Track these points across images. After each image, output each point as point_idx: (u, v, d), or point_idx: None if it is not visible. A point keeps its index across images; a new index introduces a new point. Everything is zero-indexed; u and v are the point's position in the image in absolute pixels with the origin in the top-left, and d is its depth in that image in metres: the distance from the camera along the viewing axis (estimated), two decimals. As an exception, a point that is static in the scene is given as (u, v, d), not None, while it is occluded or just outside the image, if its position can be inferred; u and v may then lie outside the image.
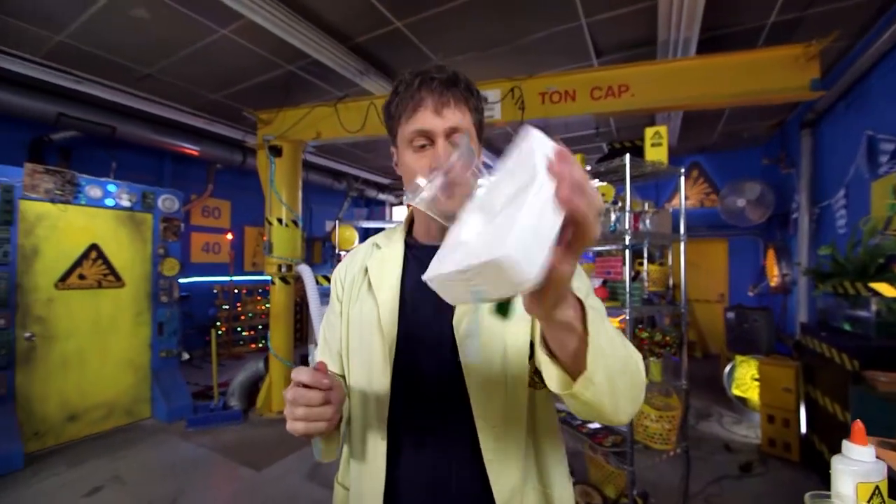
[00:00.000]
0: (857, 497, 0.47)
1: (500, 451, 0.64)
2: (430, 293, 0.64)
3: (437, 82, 0.65)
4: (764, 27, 3.02)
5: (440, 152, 0.64)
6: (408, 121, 0.67)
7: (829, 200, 3.65)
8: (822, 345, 2.50)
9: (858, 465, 0.50)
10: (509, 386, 0.66)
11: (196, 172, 5.53)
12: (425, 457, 0.67)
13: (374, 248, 0.79)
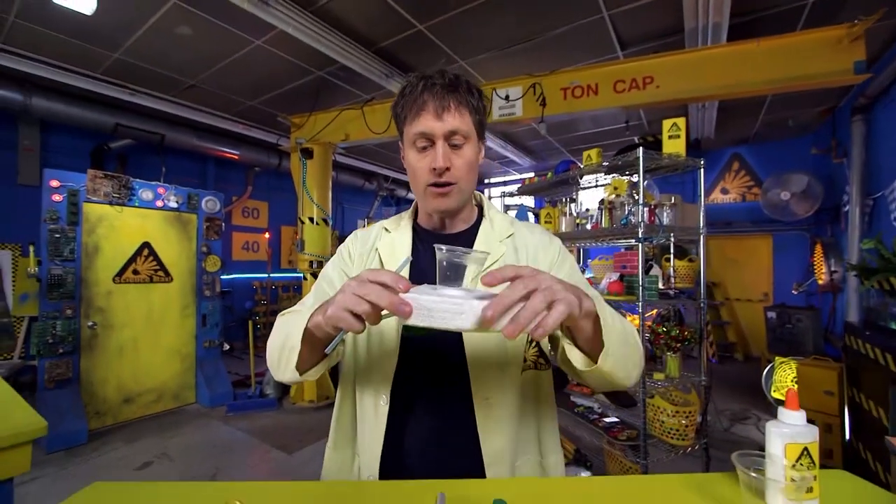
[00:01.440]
0: (786, 456, 0.49)
1: (490, 418, 0.71)
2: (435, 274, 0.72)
3: (439, 87, 0.71)
4: (804, 7, 2.85)
5: (439, 153, 0.70)
6: (411, 122, 0.73)
7: (884, 191, 3.38)
8: (866, 345, 2.34)
9: (789, 427, 0.51)
10: (504, 364, 0.73)
11: (236, 175, 5.89)
12: (424, 421, 0.73)
13: (383, 231, 0.86)
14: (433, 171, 0.72)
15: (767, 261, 5.65)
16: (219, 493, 0.51)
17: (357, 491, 0.57)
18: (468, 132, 0.73)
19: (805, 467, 0.50)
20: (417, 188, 0.76)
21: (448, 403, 0.73)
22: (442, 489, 0.53)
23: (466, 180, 0.75)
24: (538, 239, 0.83)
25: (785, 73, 2.55)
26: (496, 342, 0.73)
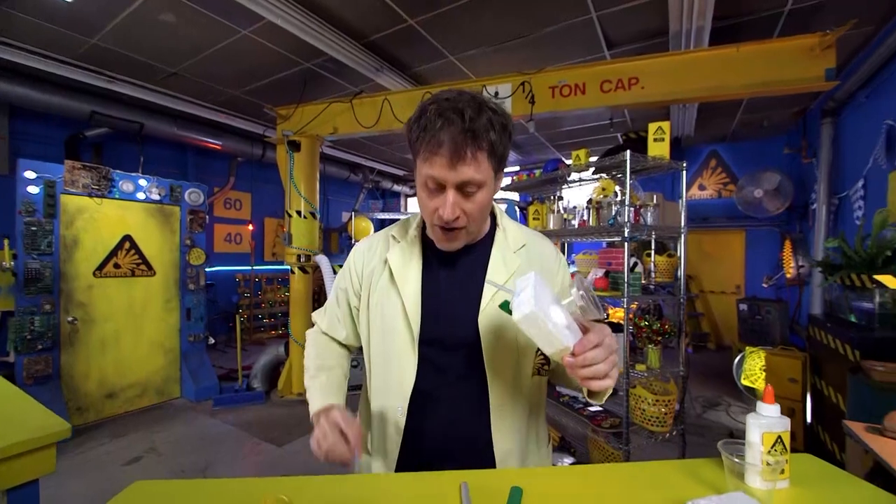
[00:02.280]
0: (763, 443, 0.56)
1: (503, 422, 0.77)
2: (452, 289, 0.78)
3: (459, 130, 0.64)
4: (781, 14, 2.97)
5: (448, 202, 0.68)
6: (424, 162, 0.68)
7: (848, 191, 3.59)
8: (827, 336, 2.52)
9: (766, 419, 0.59)
10: (517, 372, 0.78)
11: (218, 166, 5.75)
12: (439, 426, 0.77)
13: (391, 240, 0.85)
14: (440, 217, 0.70)
15: (740, 255, 5.91)
16: (259, 489, 0.56)
17: (392, 483, 0.62)
18: (483, 179, 0.68)
19: (778, 452, 0.57)
20: (427, 220, 0.76)
21: (464, 411, 0.77)
22: (462, 479, 0.59)
23: (477, 222, 0.75)
24: (547, 253, 0.86)
25: (762, 78, 2.67)
26: (512, 352, 0.77)
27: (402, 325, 0.78)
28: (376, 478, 0.61)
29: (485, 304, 0.77)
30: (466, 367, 0.77)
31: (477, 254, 0.82)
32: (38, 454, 0.84)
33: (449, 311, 0.78)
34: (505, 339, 0.76)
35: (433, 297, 0.79)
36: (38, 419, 0.93)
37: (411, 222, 0.87)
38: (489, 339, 0.75)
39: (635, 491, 0.57)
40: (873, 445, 1.35)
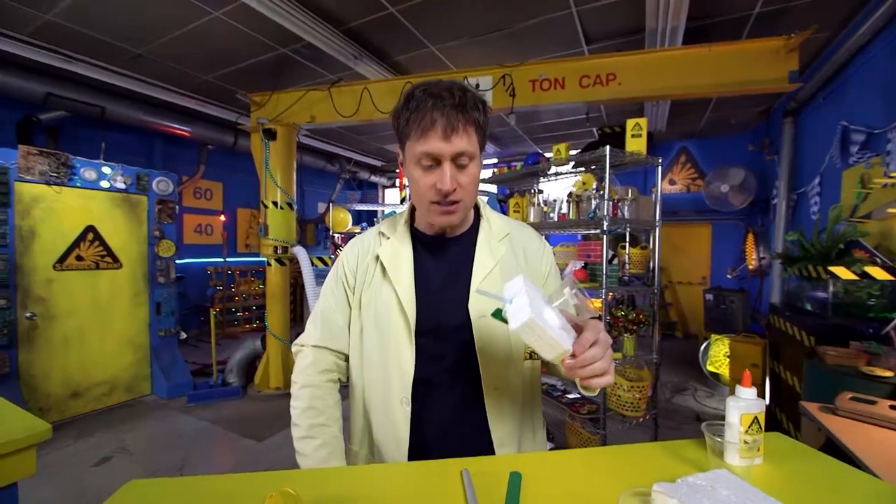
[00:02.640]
0: (741, 424, 0.61)
1: (498, 406, 0.79)
2: (443, 279, 0.79)
3: (450, 107, 0.70)
4: (749, 17, 3.10)
5: (446, 174, 0.71)
6: (417, 140, 0.72)
7: (805, 188, 3.81)
8: (786, 323, 2.69)
9: (744, 401, 0.64)
10: (509, 356, 0.80)
11: (187, 153, 5.51)
12: (439, 415, 0.79)
13: (380, 236, 0.87)
14: (439, 191, 0.73)
15: (706, 247, 6.18)
16: (262, 483, 0.55)
17: (395, 472, 0.63)
18: (474, 151, 0.73)
19: (755, 432, 0.62)
20: (421, 203, 0.78)
21: (460, 397, 0.79)
22: (462, 466, 0.60)
23: (471, 196, 0.78)
24: (529, 238, 0.90)
25: (732, 78, 2.79)
26: (503, 338, 0.79)
27: (398, 316, 0.80)
28: (379, 468, 0.62)
29: (474, 292, 0.79)
30: (460, 354, 0.79)
31: (464, 244, 0.85)
32: (17, 456, 0.80)
33: (440, 301, 0.81)
34: (495, 325, 0.78)
35: (425, 287, 0.81)
36: (13, 420, 0.88)
37: (398, 219, 0.90)
38: (479, 325, 0.78)
39: (628, 471, 0.60)
40: (826, 423, 1.46)
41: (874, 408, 1.51)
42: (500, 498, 0.54)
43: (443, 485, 0.57)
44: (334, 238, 4.82)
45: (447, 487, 0.57)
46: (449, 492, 0.56)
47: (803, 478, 0.59)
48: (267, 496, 0.51)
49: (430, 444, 0.78)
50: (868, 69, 2.88)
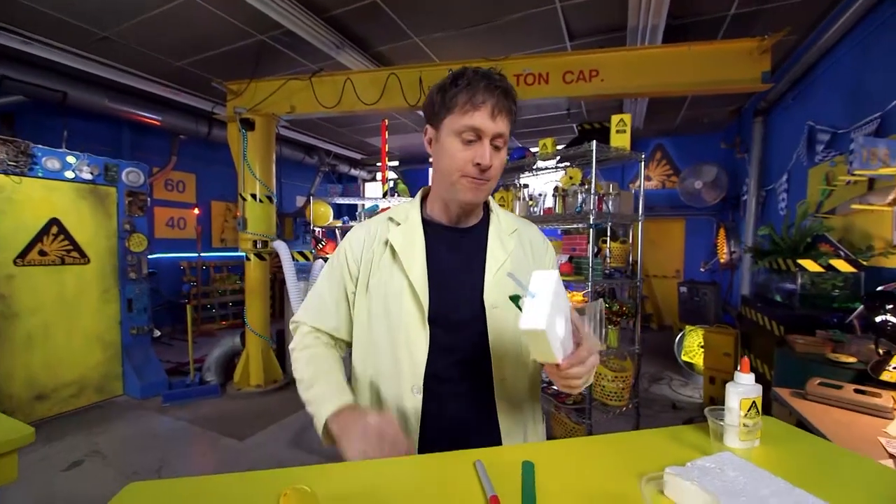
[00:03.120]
0: (740, 408, 0.64)
1: (505, 397, 0.80)
2: (456, 269, 0.79)
3: (500, 91, 0.74)
4: (725, 18, 3.19)
5: (486, 151, 0.74)
6: (463, 114, 0.73)
7: (774, 184, 3.99)
8: (757, 314, 2.82)
9: (742, 386, 0.67)
10: (519, 350, 0.81)
11: (158, 143, 5.28)
12: (449, 405, 0.79)
13: (389, 222, 0.87)
14: (477, 165, 0.74)
15: (680, 242, 6.40)
16: (273, 481, 0.54)
17: (408, 465, 0.62)
18: (507, 137, 0.77)
19: (753, 415, 0.65)
20: (450, 177, 0.77)
21: (470, 387, 0.80)
22: (474, 458, 0.60)
23: (497, 178, 0.80)
24: (535, 235, 0.92)
25: (710, 77, 2.87)
26: (514, 330, 0.79)
27: (411, 303, 0.79)
28: (392, 462, 0.61)
29: (488, 282, 0.80)
30: (471, 344, 0.79)
31: (475, 235, 0.86)
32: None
33: (454, 290, 0.81)
34: (507, 317, 0.79)
35: (438, 275, 0.81)
36: None
37: (409, 207, 0.89)
38: (493, 316, 0.79)
39: (635, 457, 0.62)
40: (797, 407, 1.54)
41: (840, 392, 1.61)
42: (514, 487, 0.54)
43: (457, 476, 0.57)
44: (315, 232, 4.72)
45: (462, 479, 0.57)
46: (464, 483, 0.56)
47: (801, 458, 0.62)
48: (281, 494, 0.50)
49: (438, 435, 0.78)
50: (833, 72, 3.02)
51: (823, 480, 0.50)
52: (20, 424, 0.84)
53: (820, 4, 2.98)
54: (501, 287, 0.79)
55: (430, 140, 0.82)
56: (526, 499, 0.51)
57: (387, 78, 3.29)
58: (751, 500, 0.47)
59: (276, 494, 0.51)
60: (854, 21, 2.64)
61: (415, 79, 3.25)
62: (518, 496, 0.52)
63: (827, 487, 0.49)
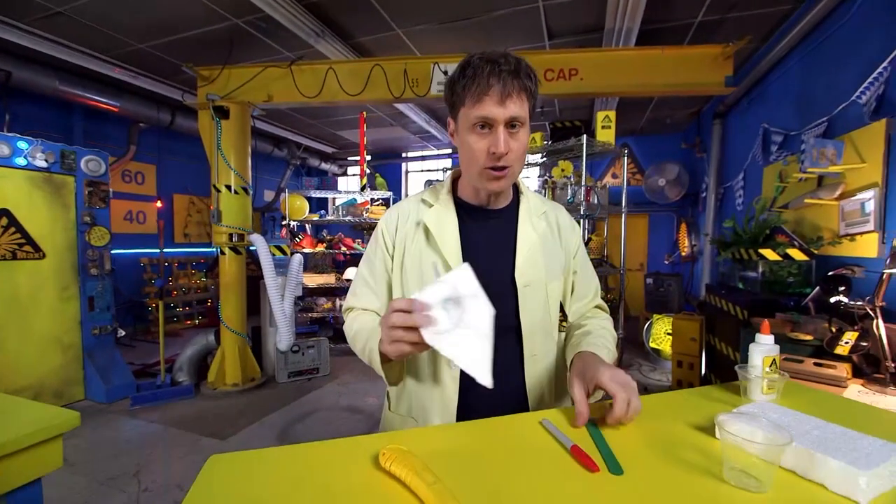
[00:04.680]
0: (763, 364, 0.72)
1: (535, 372, 0.84)
2: (488, 249, 0.82)
3: (505, 72, 0.73)
4: (692, 25, 3.41)
5: (500, 138, 0.74)
6: (473, 105, 0.74)
7: (731, 182, 4.31)
8: (721, 300, 3.05)
9: (763, 346, 0.75)
10: (548, 327, 0.85)
11: (114, 131, 4.92)
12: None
13: (422, 203, 0.89)
14: (492, 154, 0.75)
15: (644, 236, 6.76)
16: (366, 444, 0.55)
17: (484, 427, 0.65)
18: (525, 117, 0.76)
19: (774, 371, 0.73)
20: (472, 168, 0.80)
21: (501, 362, 0.82)
22: (539, 418, 0.65)
23: (520, 163, 0.81)
24: (563, 215, 0.96)
25: (680, 79, 3.07)
26: (543, 308, 0.84)
27: None
28: (468, 425, 0.64)
29: (520, 262, 0.83)
30: (503, 321, 0.82)
31: (506, 216, 0.89)
32: (42, 448, 0.70)
33: (486, 268, 0.83)
34: (536, 295, 0.84)
35: (471, 254, 0.83)
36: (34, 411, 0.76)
37: (440, 188, 0.92)
38: (524, 294, 0.82)
39: (680, 411, 0.68)
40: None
41: (802, 366, 1.80)
42: (584, 440, 0.59)
43: (528, 434, 0.61)
44: (290, 226, 4.58)
45: (534, 436, 0.61)
46: (538, 439, 0.60)
47: (819, 405, 0.72)
48: (379, 453, 0.52)
49: (473, 407, 0.81)
50: (785, 79, 3.31)
51: (845, 419, 0.59)
52: (62, 410, 0.79)
53: (773, 17, 3.25)
54: (532, 266, 0.84)
55: (452, 133, 0.84)
56: (601, 448, 0.56)
57: (371, 69, 3.26)
58: (798, 434, 0.54)
59: (371, 455, 0.52)
60: (803, 35, 2.90)
61: (399, 70, 3.24)
62: (589, 445, 0.56)
63: (851, 424, 0.57)
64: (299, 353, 3.83)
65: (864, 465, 0.46)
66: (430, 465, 0.48)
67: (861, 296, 1.79)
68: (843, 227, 2.44)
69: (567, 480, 0.50)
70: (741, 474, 0.49)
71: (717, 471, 0.52)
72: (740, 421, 0.55)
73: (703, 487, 0.49)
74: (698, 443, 0.59)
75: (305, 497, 0.46)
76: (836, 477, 0.47)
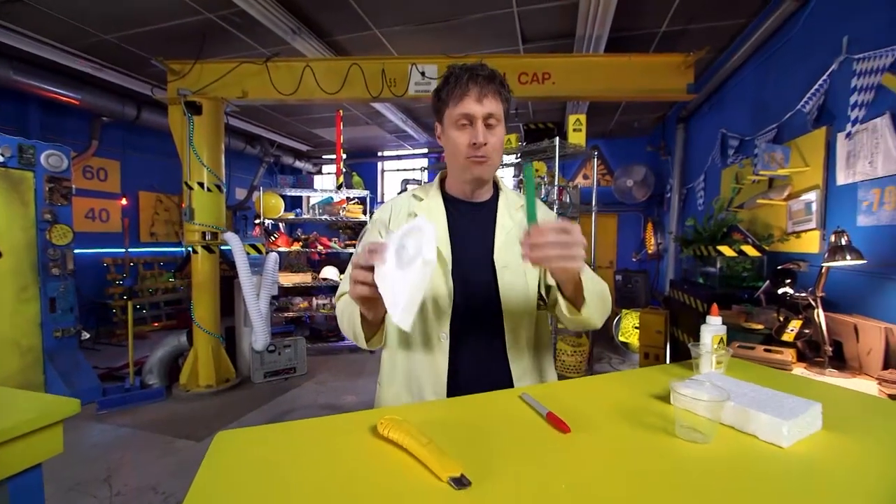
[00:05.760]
0: (712, 342, 0.82)
1: (516, 347, 0.92)
2: (472, 235, 0.90)
3: (481, 77, 0.85)
4: (657, 34, 3.60)
5: (479, 131, 0.85)
6: (455, 105, 0.86)
7: (693, 183, 4.57)
8: (684, 295, 3.25)
9: (712, 326, 0.86)
10: (526, 305, 0.93)
11: (74, 125, 4.70)
12: (469, 351, 0.90)
13: (413, 198, 0.99)
14: (473, 145, 0.86)
15: (613, 235, 7.02)
16: (363, 418, 0.60)
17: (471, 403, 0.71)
18: (500, 116, 0.88)
19: (721, 348, 0.83)
20: (457, 160, 0.90)
21: (486, 335, 0.91)
22: (518, 393, 0.72)
23: (497, 155, 0.92)
24: (540, 207, 1.05)
25: (644, 85, 3.24)
26: (521, 288, 0.92)
27: (438, 263, 0.88)
28: (457, 401, 0.70)
29: (498, 246, 0.93)
30: (485, 301, 0.91)
31: (487, 209, 0.99)
32: (43, 434, 0.70)
33: (470, 252, 0.94)
34: (514, 277, 0.93)
35: (457, 239, 0.93)
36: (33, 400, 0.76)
37: (430, 186, 1.02)
38: (503, 276, 0.91)
39: (641, 384, 0.77)
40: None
41: (754, 352, 1.97)
42: (557, 408, 0.66)
43: (511, 406, 0.68)
44: (265, 225, 4.51)
45: (514, 408, 0.68)
46: (518, 411, 0.67)
47: (759, 375, 0.82)
48: (378, 423, 0.57)
49: (461, 379, 0.89)
50: (741, 88, 3.55)
51: (776, 386, 0.68)
52: (62, 398, 0.79)
53: (730, 30, 3.48)
54: (509, 251, 0.93)
55: (440, 135, 0.94)
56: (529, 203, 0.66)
57: (348, 68, 3.27)
58: (736, 395, 0.63)
59: (369, 427, 0.58)
60: (756, 47, 3.13)
61: (377, 70, 3.27)
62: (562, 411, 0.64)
63: (780, 389, 0.67)
64: (276, 352, 3.79)
65: (786, 416, 0.56)
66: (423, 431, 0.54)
67: (805, 288, 1.97)
68: (791, 225, 2.66)
69: (543, 440, 0.57)
70: (690, 430, 0.58)
71: (670, 429, 0.60)
72: (690, 386, 0.64)
73: (659, 442, 0.57)
74: (656, 409, 0.68)
75: (312, 463, 0.51)
76: (764, 428, 0.57)
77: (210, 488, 0.46)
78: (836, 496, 0.45)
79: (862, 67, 1.99)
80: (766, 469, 0.50)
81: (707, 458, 0.53)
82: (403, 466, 0.50)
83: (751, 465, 0.51)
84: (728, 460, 0.52)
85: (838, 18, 2.27)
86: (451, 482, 0.46)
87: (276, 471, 0.49)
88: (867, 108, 1.97)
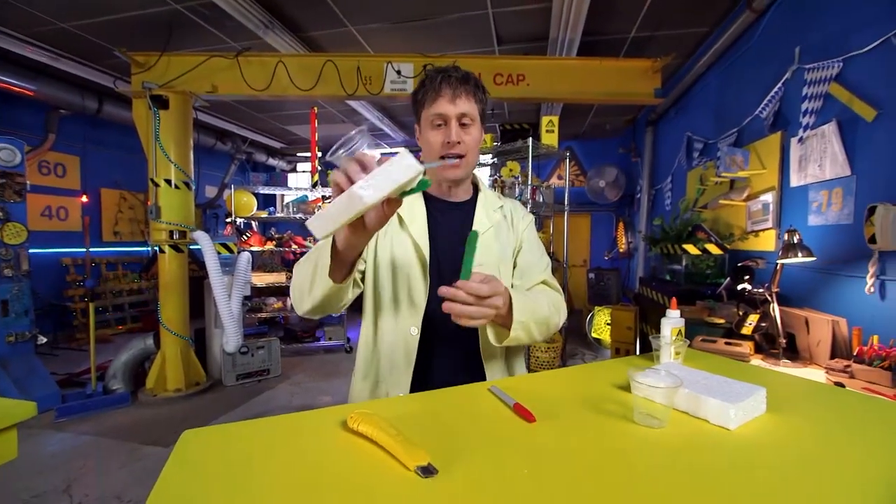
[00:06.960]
0: (671, 334, 0.87)
1: (489, 344, 0.92)
2: (448, 234, 0.92)
3: (455, 79, 0.88)
4: (626, 40, 3.72)
5: (452, 130, 0.88)
6: (430, 106, 0.89)
7: (661, 184, 4.74)
8: (652, 291, 3.38)
9: (672, 319, 0.90)
10: None
11: (28, 118, 4.44)
12: (441, 348, 0.92)
13: None
14: (447, 144, 0.88)
15: (586, 234, 7.20)
16: (332, 414, 0.60)
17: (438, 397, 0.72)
18: (475, 116, 0.91)
19: (679, 339, 0.88)
20: (432, 159, 0.92)
21: (458, 333, 0.91)
22: (488, 386, 0.74)
23: (473, 154, 0.94)
24: (517, 208, 1.09)
25: (614, 89, 3.34)
26: None
27: (413, 255, 0.92)
28: (424, 395, 0.71)
29: None
30: None
31: (465, 208, 1.01)
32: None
33: (447, 250, 0.95)
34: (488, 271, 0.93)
35: (435, 238, 0.95)
36: None
37: None
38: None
39: (603, 375, 0.81)
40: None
41: (716, 345, 2.08)
42: (524, 400, 0.68)
43: (479, 399, 0.70)
44: (236, 223, 4.39)
45: (483, 400, 0.69)
46: (487, 403, 0.69)
47: (713, 365, 0.87)
48: (348, 418, 0.58)
49: (436, 375, 0.91)
50: (705, 93, 3.71)
51: (727, 373, 0.73)
52: (18, 401, 0.75)
53: (695, 37, 3.63)
54: (485, 249, 0.95)
55: (419, 137, 0.97)
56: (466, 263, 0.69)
57: (323, 64, 3.23)
58: (689, 382, 0.67)
59: (339, 422, 0.58)
60: (719, 54, 3.28)
61: (352, 67, 3.24)
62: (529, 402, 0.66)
63: (730, 376, 0.72)
64: (248, 354, 3.70)
65: (733, 400, 0.60)
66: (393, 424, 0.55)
67: (762, 284, 2.08)
68: (750, 224, 2.81)
69: (509, 429, 0.59)
70: (646, 416, 0.61)
71: (629, 416, 0.64)
72: (648, 375, 0.67)
73: (617, 428, 0.60)
74: (617, 397, 0.72)
75: (281, 460, 0.51)
76: (714, 412, 0.61)
77: (175, 486, 0.45)
78: (777, 473, 0.49)
79: (812, 77, 2.12)
80: (714, 449, 0.54)
81: (661, 441, 0.56)
82: (372, 458, 0.51)
83: (701, 446, 0.55)
84: (680, 442, 0.56)
85: (792, 30, 2.42)
86: (419, 471, 0.47)
87: (245, 467, 0.49)
88: (817, 115, 2.10)
